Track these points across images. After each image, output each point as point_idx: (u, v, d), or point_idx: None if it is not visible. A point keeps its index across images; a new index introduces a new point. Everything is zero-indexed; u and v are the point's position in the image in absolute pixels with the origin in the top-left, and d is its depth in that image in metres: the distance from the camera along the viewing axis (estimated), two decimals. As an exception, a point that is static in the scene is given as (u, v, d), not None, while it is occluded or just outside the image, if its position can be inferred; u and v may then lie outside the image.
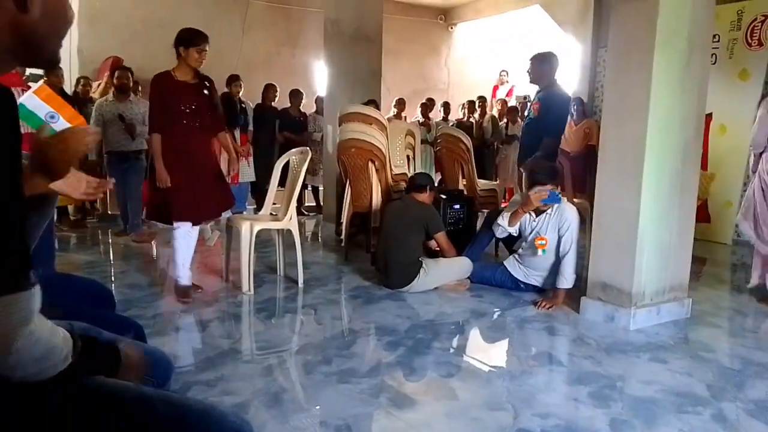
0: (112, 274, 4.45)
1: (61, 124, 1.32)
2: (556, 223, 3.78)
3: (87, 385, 1.09)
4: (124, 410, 1.07)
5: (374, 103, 6.07)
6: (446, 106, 8.81)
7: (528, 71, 4.61)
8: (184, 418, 1.09)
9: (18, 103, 0.90)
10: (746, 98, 6.12)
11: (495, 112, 9.00)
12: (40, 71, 5.82)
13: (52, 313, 1.26)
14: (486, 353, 3.10)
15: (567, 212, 3.77)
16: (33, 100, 1.32)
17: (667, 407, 2.38)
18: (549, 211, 3.80)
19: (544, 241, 3.78)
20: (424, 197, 4.11)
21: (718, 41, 6.34)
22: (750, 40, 6.17)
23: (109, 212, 6.72)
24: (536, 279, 3.96)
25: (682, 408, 2.38)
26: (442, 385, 2.62)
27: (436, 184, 4.48)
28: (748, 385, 2.63)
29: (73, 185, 1.32)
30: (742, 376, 2.74)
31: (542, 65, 4.51)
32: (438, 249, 4.17)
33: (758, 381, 2.67)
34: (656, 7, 3.12)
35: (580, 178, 6.98)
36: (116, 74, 5.72)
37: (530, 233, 3.89)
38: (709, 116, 6.24)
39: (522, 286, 4.00)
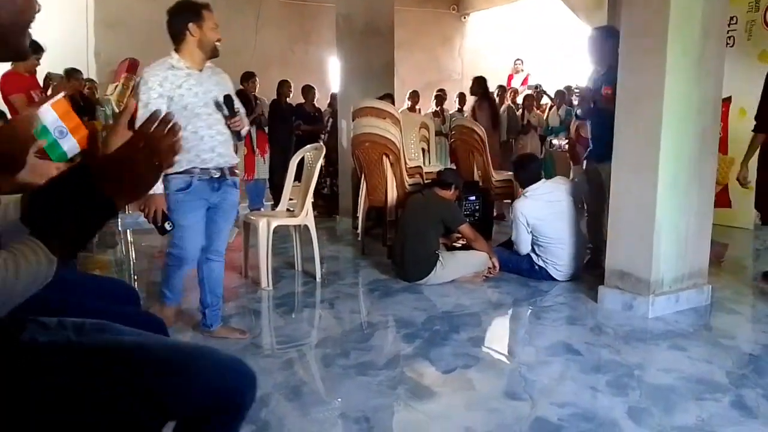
0: (134, 272, 4.54)
1: (67, 140, 1.33)
2: None
3: (81, 344, 1.12)
4: (123, 360, 1.09)
5: (390, 98, 6.08)
6: (461, 97, 8.77)
7: (589, 50, 4.01)
8: (186, 355, 1.14)
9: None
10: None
11: (514, 101, 8.90)
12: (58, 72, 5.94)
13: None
14: (503, 344, 3.12)
15: (514, 205, 4.12)
16: (49, 113, 1.34)
17: (686, 395, 2.38)
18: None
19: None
20: (448, 194, 4.13)
21: (736, 23, 6.23)
22: (768, 22, 6.05)
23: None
24: (556, 269, 3.97)
25: (701, 395, 2.37)
26: (460, 376, 2.64)
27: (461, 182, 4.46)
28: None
29: (43, 173, 1.24)
30: (762, 362, 2.72)
31: (606, 42, 3.80)
32: (462, 241, 4.20)
33: (779, 367, 2.65)
34: (668, -6, 3.08)
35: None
36: None
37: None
38: (728, 100, 6.14)
39: (537, 268, 4.03)
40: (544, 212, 3.95)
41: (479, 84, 7.04)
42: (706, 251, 3.57)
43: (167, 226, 2.63)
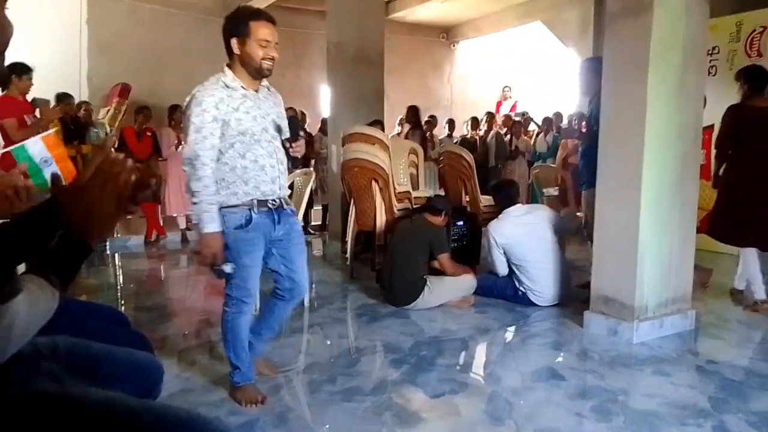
0: (121, 297, 4.52)
1: (52, 170, 1.36)
2: None
3: (67, 398, 1.11)
4: (107, 422, 1.08)
5: (380, 124, 6.16)
6: (451, 123, 8.90)
7: (579, 79, 4.25)
8: (168, 427, 1.11)
9: (20, 145, 0.95)
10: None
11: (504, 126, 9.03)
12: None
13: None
14: (490, 369, 3.13)
15: (489, 226, 4.23)
16: (37, 144, 1.36)
17: (669, 420, 2.40)
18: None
19: None
20: (438, 220, 4.18)
21: (718, 53, 6.39)
22: (749, 51, 6.20)
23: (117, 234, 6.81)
24: (535, 294, 4.00)
25: (684, 420, 2.39)
26: (446, 402, 2.64)
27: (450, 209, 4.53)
28: (751, 397, 2.63)
29: (6, 184, 1.26)
30: (745, 387, 2.75)
31: (592, 72, 3.98)
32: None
33: (761, 393, 2.68)
34: (650, 23, 3.18)
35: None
36: None
37: None
38: (710, 128, 6.25)
39: (520, 294, 4.06)
40: (515, 232, 4.01)
41: (413, 113, 7.44)
42: (690, 276, 3.61)
43: (227, 268, 2.33)
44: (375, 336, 3.52)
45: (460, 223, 4.91)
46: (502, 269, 4.12)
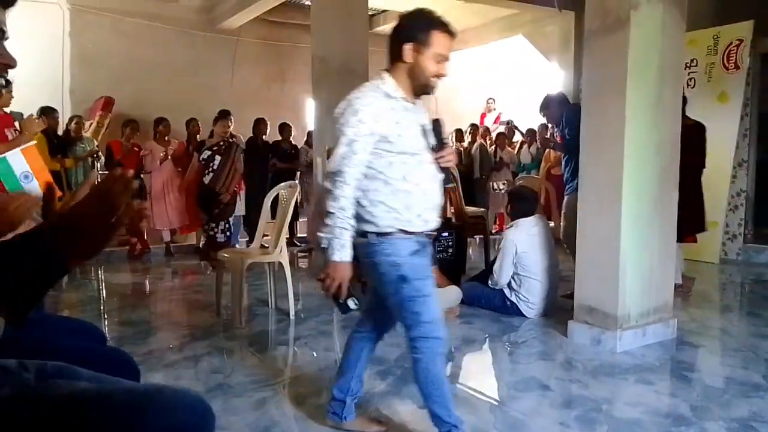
0: (104, 311, 4.48)
1: (32, 186, 1.34)
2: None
3: (40, 391, 1.11)
4: (79, 408, 1.08)
5: None
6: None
7: (542, 112, 4.84)
8: (145, 397, 1.12)
9: (2, 157, 0.92)
10: (727, 120, 6.27)
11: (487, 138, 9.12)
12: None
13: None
14: (475, 380, 3.14)
15: (504, 235, 4.24)
16: (17, 156, 1.34)
17: (652, 428, 2.43)
18: (508, 226, 4.31)
19: None
20: None
21: (697, 65, 6.53)
22: (727, 64, 6.35)
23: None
24: (528, 305, 4.04)
25: (667, 428, 2.42)
26: (432, 413, 2.64)
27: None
28: (732, 404, 2.67)
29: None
30: (726, 395, 2.79)
31: (556, 105, 4.72)
32: None
33: (742, 400, 2.72)
34: (627, 40, 3.25)
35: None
36: None
37: None
38: (689, 139, 6.38)
39: (509, 304, 4.09)
40: (528, 244, 4.07)
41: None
42: (671, 285, 3.67)
43: (351, 303, 2.11)
44: (361, 348, 3.52)
45: (446, 234, 4.94)
46: (507, 279, 4.10)
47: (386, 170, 2.02)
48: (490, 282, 4.17)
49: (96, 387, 1.15)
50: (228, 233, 6.22)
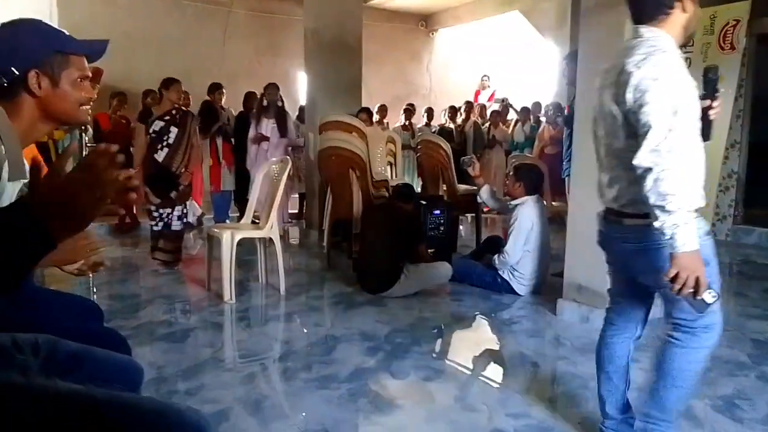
0: (93, 285, 4.45)
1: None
2: (511, 218, 4.10)
3: (32, 389, 1.09)
4: (77, 418, 1.05)
5: (367, 112, 6.16)
6: (429, 112, 8.89)
7: (563, 73, 4.55)
8: (143, 419, 1.09)
9: None
10: (721, 101, 6.25)
11: (481, 115, 9.06)
12: None
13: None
14: (464, 356, 3.16)
15: (519, 211, 4.09)
16: None
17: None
18: (518, 202, 4.14)
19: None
20: (410, 207, 4.21)
21: (692, 45, 6.48)
22: (723, 44, 6.30)
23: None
24: (520, 283, 4.05)
25: (652, 405, 2.44)
26: (421, 389, 2.67)
27: (418, 191, 4.58)
28: (717, 382, 2.70)
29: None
30: (711, 373, 2.81)
31: (574, 64, 4.07)
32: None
33: (727, 378, 2.75)
34: (624, 17, 3.20)
35: (558, 182, 7.08)
36: None
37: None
38: (683, 119, 6.37)
39: (499, 281, 4.11)
40: (536, 221, 4.09)
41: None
42: (660, 265, 3.68)
43: (709, 296, 1.70)
44: (351, 324, 3.53)
45: (438, 212, 4.93)
46: (517, 257, 4.06)
47: (684, 140, 1.72)
48: (497, 261, 4.12)
49: (92, 395, 1.12)
50: (185, 219, 5.10)
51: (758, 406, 2.38)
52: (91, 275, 2.24)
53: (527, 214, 4.07)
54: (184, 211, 5.00)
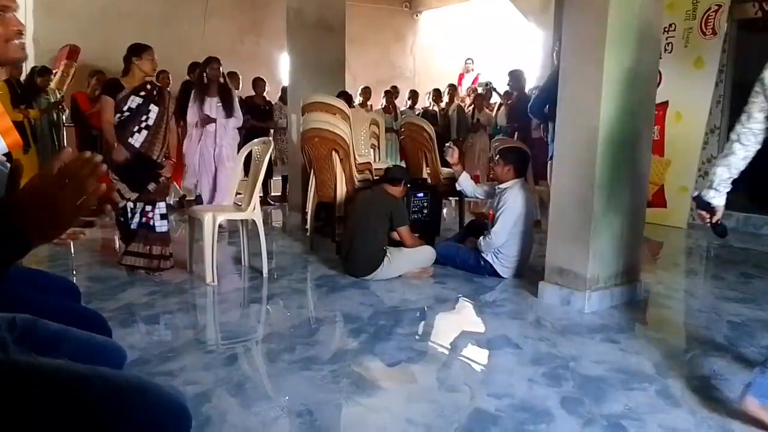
0: (74, 267, 4.40)
1: None
2: (499, 201, 4.10)
3: (11, 365, 1.07)
4: (57, 392, 1.04)
5: (346, 95, 6.09)
6: (413, 95, 8.85)
7: (556, 55, 4.61)
8: (122, 394, 1.08)
9: None
10: (701, 86, 6.31)
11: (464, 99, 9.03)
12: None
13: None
14: (446, 338, 3.18)
15: (509, 194, 4.08)
16: None
17: (616, 385, 2.50)
18: (507, 186, 4.13)
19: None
20: (397, 191, 4.18)
21: (674, 30, 6.52)
22: (705, 29, 6.35)
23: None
24: (503, 266, 4.08)
25: (630, 385, 2.49)
26: (403, 370, 2.68)
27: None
28: (693, 363, 2.76)
29: None
30: (689, 354, 2.88)
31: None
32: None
33: (704, 359, 2.81)
34: (607, 4, 3.20)
35: (541, 166, 7.11)
36: None
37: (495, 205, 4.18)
38: (665, 104, 6.43)
39: (482, 263, 4.12)
40: (524, 204, 4.11)
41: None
42: (640, 249, 3.74)
43: None
44: (334, 306, 3.54)
45: (421, 195, 4.93)
46: (503, 239, 4.06)
47: None
48: (482, 242, 4.11)
49: (75, 369, 1.11)
50: (169, 218, 4.17)
51: (734, 387, 2.43)
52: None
53: (516, 197, 4.08)
54: (166, 207, 4.09)
